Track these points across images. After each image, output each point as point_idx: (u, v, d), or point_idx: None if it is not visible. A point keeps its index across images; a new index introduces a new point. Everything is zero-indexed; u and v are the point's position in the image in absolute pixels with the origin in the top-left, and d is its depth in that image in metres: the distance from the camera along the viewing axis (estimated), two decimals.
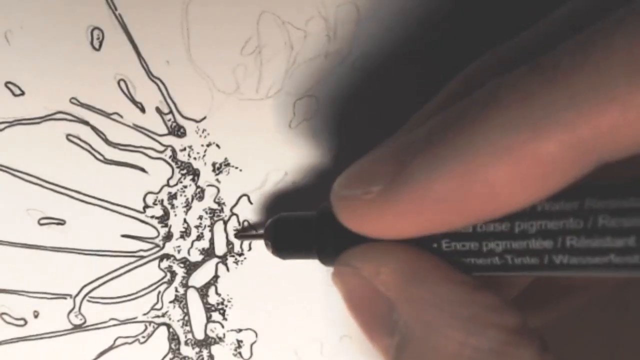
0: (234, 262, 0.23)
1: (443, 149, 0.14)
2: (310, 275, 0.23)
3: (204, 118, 0.22)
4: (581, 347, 0.23)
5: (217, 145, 0.22)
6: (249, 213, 0.23)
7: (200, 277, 0.23)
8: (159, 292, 0.23)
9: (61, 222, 0.22)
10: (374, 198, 0.15)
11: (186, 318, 0.23)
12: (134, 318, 0.23)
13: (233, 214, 0.22)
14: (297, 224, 0.20)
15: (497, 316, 0.14)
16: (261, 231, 0.22)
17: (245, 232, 0.22)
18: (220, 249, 0.23)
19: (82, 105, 0.22)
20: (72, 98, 0.22)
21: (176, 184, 0.22)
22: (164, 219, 0.22)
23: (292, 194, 0.23)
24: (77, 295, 0.22)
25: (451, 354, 0.14)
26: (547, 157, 0.12)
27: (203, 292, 0.23)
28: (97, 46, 0.22)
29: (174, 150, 0.22)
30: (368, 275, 0.16)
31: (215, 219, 0.22)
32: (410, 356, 0.15)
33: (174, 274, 0.23)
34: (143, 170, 0.22)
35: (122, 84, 0.22)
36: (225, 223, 0.22)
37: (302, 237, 0.20)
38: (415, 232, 0.15)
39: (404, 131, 0.17)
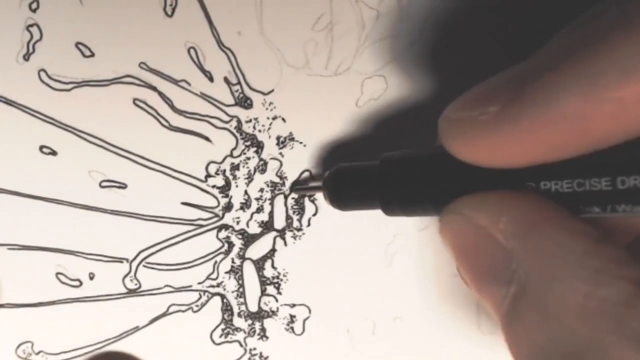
0: (292, 237, 0.23)
1: (569, 68, 0.13)
2: (367, 254, 0.23)
3: (272, 91, 0.22)
4: None
5: (283, 119, 0.22)
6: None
7: (257, 250, 0.23)
8: (216, 262, 0.23)
9: (122, 186, 0.22)
10: (491, 118, 0.14)
11: (241, 290, 0.23)
12: (189, 286, 0.23)
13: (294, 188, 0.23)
14: (357, 173, 0.19)
15: (625, 269, 0.14)
16: (319, 183, 0.21)
17: (303, 185, 0.22)
18: (279, 222, 0.23)
19: (151, 70, 0.22)
20: (142, 62, 0.22)
21: (239, 155, 0.22)
22: (225, 189, 0.22)
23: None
24: (133, 260, 0.22)
25: (575, 305, 0.13)
26: None
27: (259, 264, 0.23)
28: (169, 12, 0.22)
29: (239, 121, 0.22)
30: (485, 224, 0.15)
31: (276, 192, 0.22)
32: (529, 305, 0.14)
33: (231, 245, 0.23)
34: (207, 139, 0.22)
35: (192, 51, 0.22)
36: (285, 197, 0.22)
37: (363, 186, 0.19)
38: (531, 158, 0.14)
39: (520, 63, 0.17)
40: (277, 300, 0.23)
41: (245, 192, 0.23)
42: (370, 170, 0.19)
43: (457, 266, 0.17)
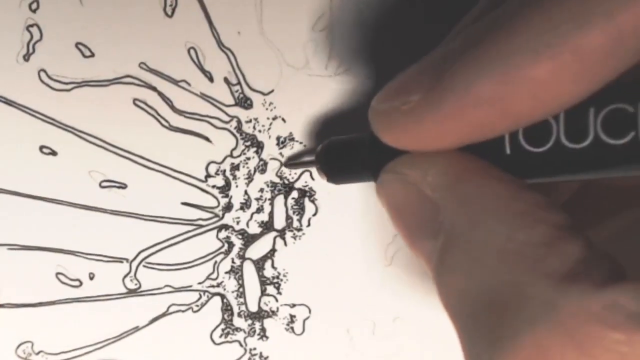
0: (292, 237, 0.23)
1: (482, 52, 0.14)
2: (367, 254, 0.23)
3: (272, 91, 0.22)
4: None
5: (283, 119, 0.22)
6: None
7: (257, 250, 0.23)
8: (216, 262, 0.23)
9: (122, 186, 0.22)
10: (413, 107, 0.15)
11: (241, 290, 0.23)
12: (189, 286, 0.23)
13: (294, 188, 0.23)
14: (349, 146, 0.20)
15: (545, 212, 0.14)
16: (312, 158, 0.21)
17: (295, 160, 0.22)
18: (279, 222, 0.23)
19: (151, 70, 0.22)
20: (142, 63, 0.22)
21: (239, 155, 0.22)
22: (225, 189, 0.22)
23: None
24: (133, 259, 0.22)
25: (497, 248, 0.14)
26: (588, 49, 0.13)
27: (259, 264, 0.23)
28: (169, 12, 0.22)
29: (239, 122, 0.22)
30: (414, 180, 0.16)
31: (276, 192, 0.23)
32: (455, 254, 0.15)
33: (231, 245, 0.23)
34: (207, 139, 0.22)
35: (192, 52, 0.22)
36: (285, 197, 0.23)
37: (355, 159, 0.19)
38: (456, 140, 0.15)
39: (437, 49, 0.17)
40: (277, 300, 0.23)
41: (245, 192, 0.23)
42: (361, 141, 0.19)
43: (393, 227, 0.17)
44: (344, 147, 0.20)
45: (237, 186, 0.22)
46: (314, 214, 0.23)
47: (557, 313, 0.13)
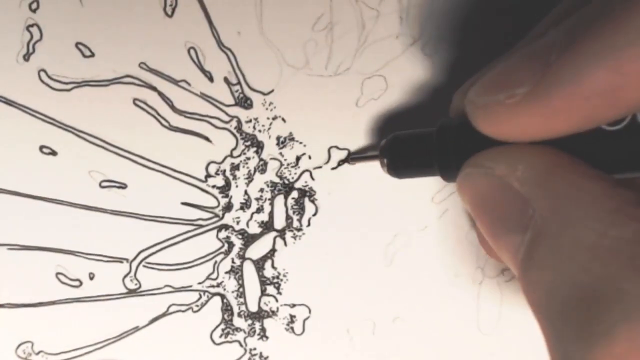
0: (292, 237, 0.23)
1: (593, 43, 0.13)
2: (367, 254, 0.23)
3: (272, 91, 0.22)
4: None
5: (283, 119, 0.22)
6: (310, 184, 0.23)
7: (257, 250, 0.23)
8: (216, 262, 0.23)
9: (122, 186, 0.22)
10: (519, 101, 0.15)
11: (241, 290, 0.23)
12: (189, 286, 0.23)
13: (294, 188, 0.23)
14: (414, 140, 0.20)
15: (637, 209, 0.14)
16: (376, 152, 0.21)
17: (360, 154, 0.22)
18: (279, 222, 0.23)
19: (151, 70, 0.22)
20: (142, 63, 0.22)
21: (239, 155, 0.22)
22: (225, 189, 0.22)
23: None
24: (133, 260, 0.22)
25: (590, 245, 0.14)
26: None
27: (259, 264, 0.23)
28: (169, 12, 0.22)
29: (239, 122, 0.22)
30: (502, 173, 0.16)
31: (276, 192, 0.22)
32: (546, 249, 0.14)
33: (231, 245, 0.23)
34: (207, 139, 0.22)
35: (192, 52, 0.22)
36: (285, 197, 0.22)
37: (420, 153, 0.19)
38: (561, 132, 0.15)
39: (531, 39, 0.16)
40: (277, 300, 0.23)
41: (245, 192, 0.23)
42: (427, 137, 0.19)
43: (474, 222, 0.17)
44: (409, 142, 0.20)
45: (237, 186, 0.22)
46: (314, 214, 0.22)
47: None
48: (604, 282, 0.13)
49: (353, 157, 0.22)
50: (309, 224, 0.23)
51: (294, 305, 0.23)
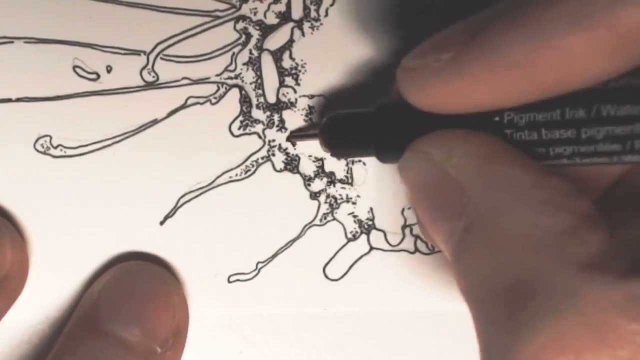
0: (310, 27, 0.23)
1: (518, 18, 0.14)
2: (384, 44, 0.22)
3: None
4: None
5: None
6: None
7: (275, 41, 0.23)
8: (233, 54, 0.23)
9: None
10: (443, 65, 0.15)
11: (259, 81, 0.23)
12: (207, 78, 0.23)
13: None
14: (353, 120, 0.20)
15: (570, 200, 0.14)
16: (316, 130, 0.21)
17: (300, 132, 0.22)
18: (296, 12, 0.22)
19: None
20: None
21: None
22: None
23: None
24: (151, 52, 0.22)
25: (521, 235, 0.14)
26: (626, 25, 0.13)
27: (277, 55, 0.23)
28: None
29: None
30: (439, 160, 0.16)
31: None
32: (477, 237, 0.15)
33: (249, 36, 0.23)
34: None
35: None
36: None
37: (359, 133, 0.19)
38: (484, 103, 0.15)
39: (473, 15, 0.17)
40: (295, 92, 0.23)
41: None
42: (366, 116, 0.19)
43: (413, 206, 0.17)
44: (348, 122, 0.20)
45: None
46: (332, 4, 0.22)
47: (578, 301, 0.13)
48: (532, 273, 0.13)
49: (294, 134, 0.22)
50: (326, 14, 0.22)
51: (312, 97, 0.23)
